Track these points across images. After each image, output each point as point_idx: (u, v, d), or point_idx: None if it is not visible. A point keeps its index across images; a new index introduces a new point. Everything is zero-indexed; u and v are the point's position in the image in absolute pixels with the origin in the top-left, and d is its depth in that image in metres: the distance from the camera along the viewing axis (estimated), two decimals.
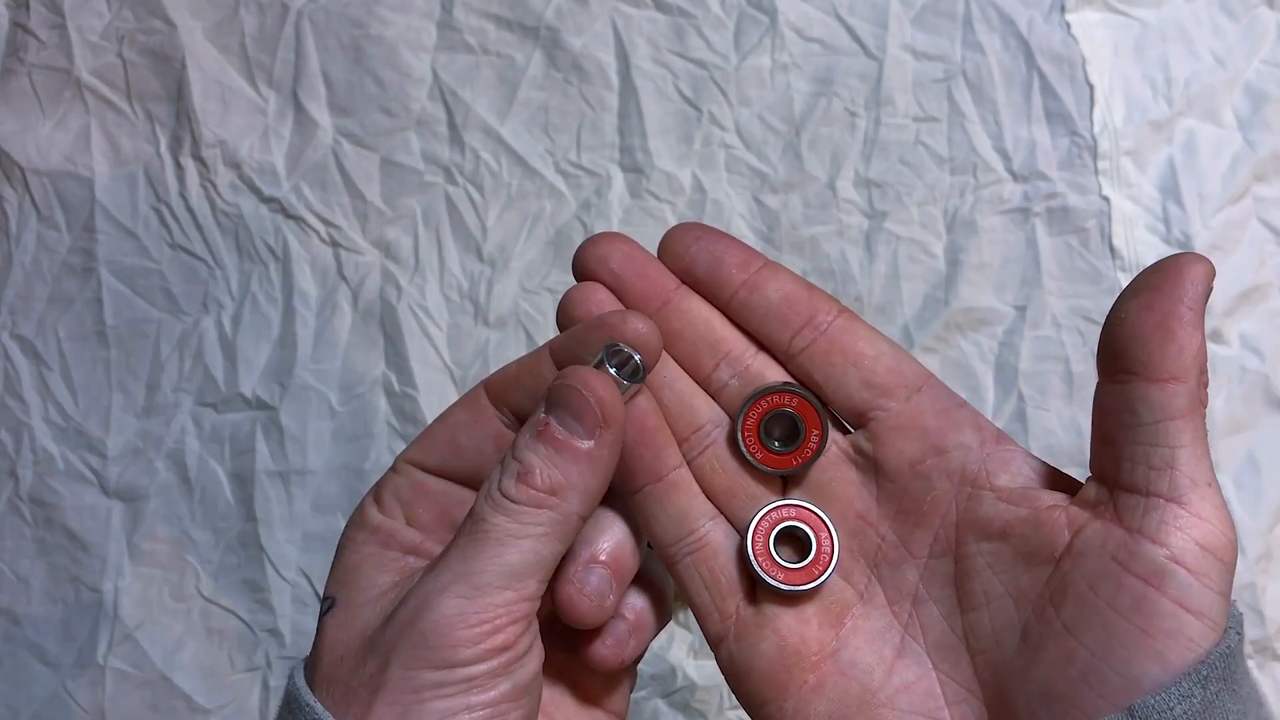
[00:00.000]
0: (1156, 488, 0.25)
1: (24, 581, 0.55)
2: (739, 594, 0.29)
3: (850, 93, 0.58)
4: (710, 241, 0.30)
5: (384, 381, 0.56)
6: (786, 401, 0.29)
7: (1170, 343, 0.24)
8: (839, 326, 0.29)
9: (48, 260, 0.58)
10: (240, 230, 0.58)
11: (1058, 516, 0.27)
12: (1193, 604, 0.24)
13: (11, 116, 0.59)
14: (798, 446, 0.29)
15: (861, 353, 0.29)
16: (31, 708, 0.53)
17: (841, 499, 0.29)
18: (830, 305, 0.29)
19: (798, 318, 0.29)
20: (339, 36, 0.59)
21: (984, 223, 0.57)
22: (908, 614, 0.29)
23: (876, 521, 0.29)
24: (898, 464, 0.29)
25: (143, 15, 0.60)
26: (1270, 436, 0.55)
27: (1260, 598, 0.53)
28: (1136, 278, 0.26)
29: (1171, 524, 0.24)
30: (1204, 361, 0.25)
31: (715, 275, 0.29)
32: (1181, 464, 0.25)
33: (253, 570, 0.54)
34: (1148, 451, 0.25)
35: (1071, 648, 0.25)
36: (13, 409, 0.56)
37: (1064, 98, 0.58)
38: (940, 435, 0.28)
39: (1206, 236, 0.57)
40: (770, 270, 0.30)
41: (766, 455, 0.29)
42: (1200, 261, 0.25)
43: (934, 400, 0.29)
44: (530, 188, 0.58)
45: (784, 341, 0.29)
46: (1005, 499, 0.27)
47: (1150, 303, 0.25)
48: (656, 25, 0.59)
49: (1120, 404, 0.25)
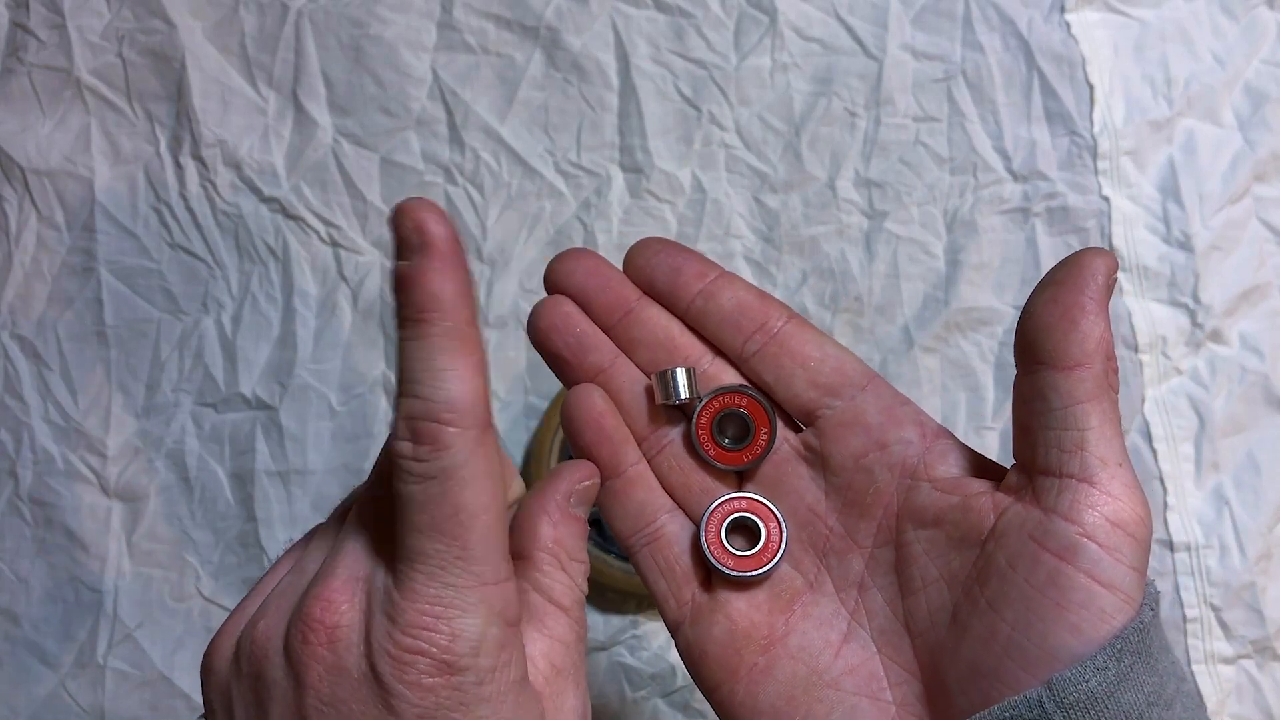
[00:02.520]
0: (1068, 469, 0.26)
1: (24, 581, 0.55)
2: (694, 582, 0.31)
3: (850, 93, 0.58)
4: (669, 254, 0.32)
5: (384, 381, 0.56)
6: (737, 402, 0.31)
7: (1074, 331, 0.26)
8: (788, 331, 0.31)
9: (48, 260, 0.58)
10: (240, 230, 0.58)
11: (984, 502, 0.28)
12: (1104, 577, 0.25)
13: (11, 116, 0.59)
14: (748, 444, 0.31)
15: (809, 355, 0.31)
16: (31, 708, 0.53)
17: (792, 493, 0.31)
18: (781, 311, 0.32)
19: (750, 324, 0.31)
20: (339, 36, 0.59)
21: (984, 223, 0.57)
22: (854, 600, 0.30)
23: (825, 514, 0.31)
24: (843, 459, 0.30)
25: (143, 15, 0.60)
26: (1270, 436, 0.55)
27: (1260, 598, 0.53)
28: (1046, 274, 0.27)
29: (1083, 502, 0.26)
30: (1109, 348, 0.27)
31: (674, 285, 0.32)
32: (1091, 445, 0.26)
33: (253, 570, 0.54)
34: (1059, 435, 0.27)
35: (994, 624, 0.26)
36: (13, 409, 0.56)
37: (1064, 98, 0.58)
38: (882, 431, 0.30)
39: (1206, 236, 0.57)
40: (725, 280, 0.32)
41: (720, 452, 0.31)
42: (1102, 255, 0.27)
43: (877, 398, 0.31)
44: (530, 188, 0.58)
45: (737, 346, 0.31)
46: (940, 488, 0.29)
47: (1055, 296, 0.27)
48: (656, 25, 0.59)
49: (1033, 392, 0.27)
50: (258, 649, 0.26)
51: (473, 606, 0.25)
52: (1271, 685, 0.53)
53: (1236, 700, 0.53)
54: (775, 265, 0.57)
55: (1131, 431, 0.55)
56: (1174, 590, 0.53)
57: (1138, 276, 0.57)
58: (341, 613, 0.25)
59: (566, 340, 0.32)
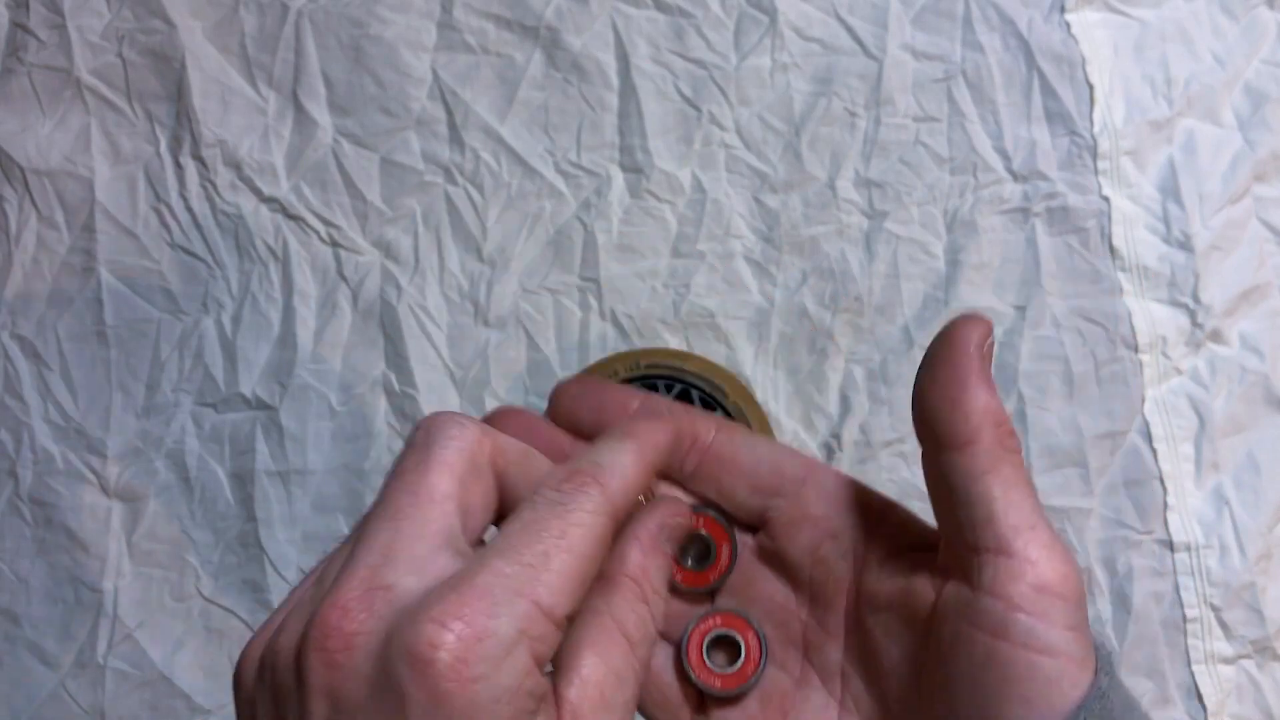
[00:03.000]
0: (984, 543, 0.26)
1: (24, 581, 0.55)
2: (687, 706, 0.31)
3: (850, 93, 0.58)
4: (588, 394, 0.33)
5: (384, 381, 0.56)
6: (695, 524, 0.31)
7: (956, 410, 0.27)
8: (720, 442, 0.31)
9: (47, 260, 0.58)
10: (240, 230, 0.58)
11: (924, 583, 0.28)
12: (1040, 644, 0.25)
13: (11, 116, 0.59)
14: (712, 563, 0.31)
15: (744, 463, 0.31)
16: (31, 708, 0.53)
17: (762, 596, 0.32)
18: (708, 424, 0.32)
19: (682, 444, 0.31)
20: (339, 36, 0.59)
21: (984, 223, 0.57)
22: (840, 689, 0.30)
23: (796, 609, 0.31)
24: (799, 555, 0.31)
25: (143, 15, 0.60)
26: (1270, 436, 0.55)
27: (1260, 598, 0.53)
28: (927, 350, 0.28)
29: (1004, 574, 0.26)
30: (996, 415, 0.27)
31: (601, 423, 0.32)
32: (999, 516, 0.26)
33: (253, 570, 0.54)
34: (969, 512, 0.26)
35: (952, 704, 0.26)
36: (13, 409, 0.56)
37: (1064, 98, 0.58)
38: (829, 521, 0.30)
39: (1206, 236, 0.57)
40: (647, 402, 0.32)
41: (686, 575, 0.32)
42: (974, 323, 0.27)
43: (817, 489, 0.31)
44: (530, 188, 0.58)
45: (675, 466, 0.32)
46: (886, 571, 0.29)
47: (934, 376, 0.27)
48: (656, 25, 0.59)
49: (936, 474, 0.27)
50: (280, 659, 0.26)
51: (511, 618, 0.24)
52: (1271, 685, 0.53)
53: (1236, 700, 0.53)
54: (775, 265, 0.57)
55: (1131, 431, 0.55)
56: (1174, 590, 0.53)
57: (1138, 276, 0.57)
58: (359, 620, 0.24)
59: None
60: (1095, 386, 0.55)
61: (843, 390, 0.56)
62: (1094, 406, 0.55)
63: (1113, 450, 0.55)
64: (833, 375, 0.56)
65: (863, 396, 0.55)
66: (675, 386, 0.53)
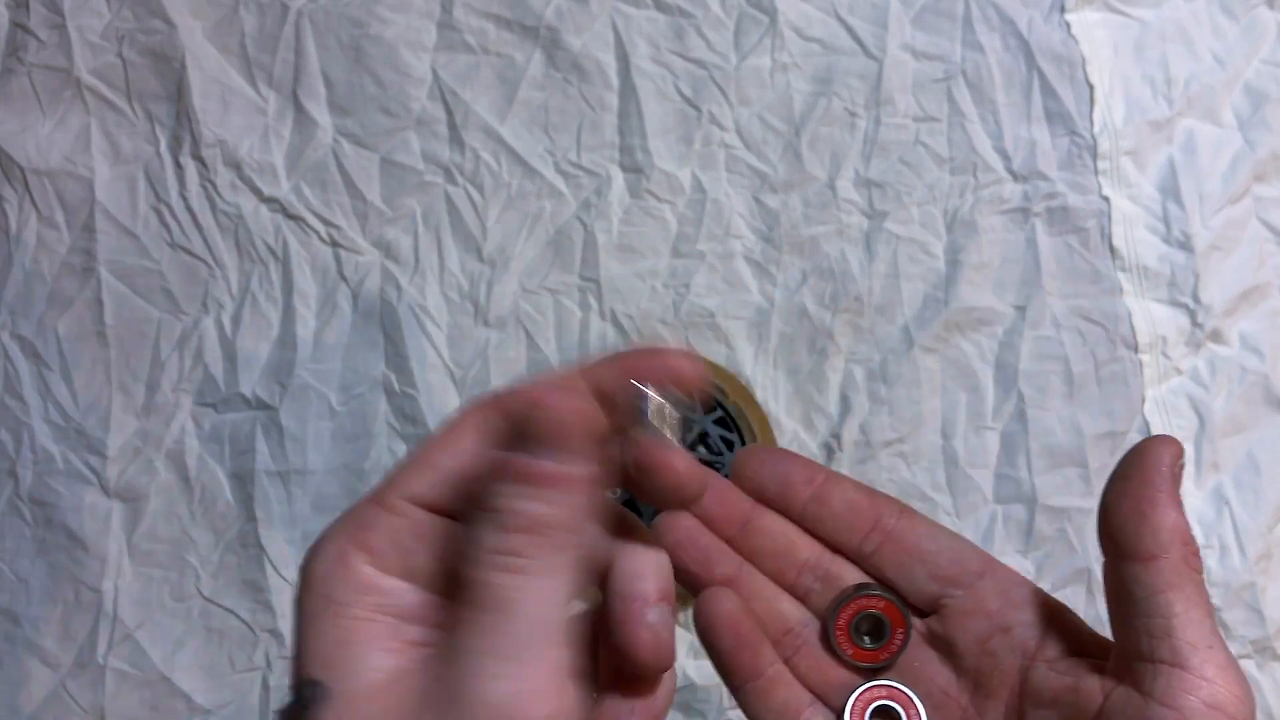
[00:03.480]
0: (1160, 655, 0.27)
1: (24, 581, 0.55)
2: None
3: (850, 93, 0.58)
4: (775, 463, 0.34)
5: (384, 381, 0.56)
6: (874, 604, 0.33)
7: (1144, 525, 0.28)
8: (902, 528, 0.33)
9: (47, 260, 0.58)
10: (240, 230, 0.58)
11: (1092, 683, 0.29)
12: None
13: (11, 116, 0.59)
14: (885, 643, 0.33)
15: (925, 549, 0.33)
16: (31, 708, 0.53)
17: (925, 678, 0.33)
18: (891, 507, 0.33)
19: (864, 523, 0.33)
20: (339, 36, 0.59)
21: (984, 223, 0.57)
22: None
23: (957, 695, 0.32)
24: (968, 644, 0.32)
25: (143, 15, 0.60)
26: (1270, 436, 0.55)
27: (1260, 598, 0.53)
28: (1118, 464, 0.29)
29: (1178, 687, 0.27)
30: (1184, 535, 0.28)
31: (784, 493, 0.34)
32: (1178, 631, 0.27)
33: (253, 570, 0.54)
34: (1147, 623, 0.28)
35: None
36: (13, 409, 0.56)
37: (1064, 98, 0.58)
38: (1003, 616, 0.32)
39: (1206, 236, 0.57)
40: (832, 482, 0.34)
41: (858, 651, 0.33)
42: (1167, 444, 0.29)
43: (995, 583, 0.32)
44: (530, 188, 0.58)
45: (854, 545, 0.33)
46: (1054, 669, 0.30)
47: (1125, 490, 0.29)
48: (656, 25, 0.59)
49: (1119, 583, 0.29)
50: None
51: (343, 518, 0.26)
52: (1271, 685, 0.53)
53: None
54: (775, 265, 0.57)
55: (1131, 431, 0.55)
56: None
57: (1138, 276, 0.57)
58: None
59: (693, 555, 0.33)
60: (1095, 386, 0.55)
61: (843, 390, 0.56)
62: (1094, 406, 0.55)
63: (1113, 450, 0.55)
64: (833, 375, 0.56)
65: (863, 396, 0.55)
66: None
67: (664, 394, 0.27)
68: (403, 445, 0.55)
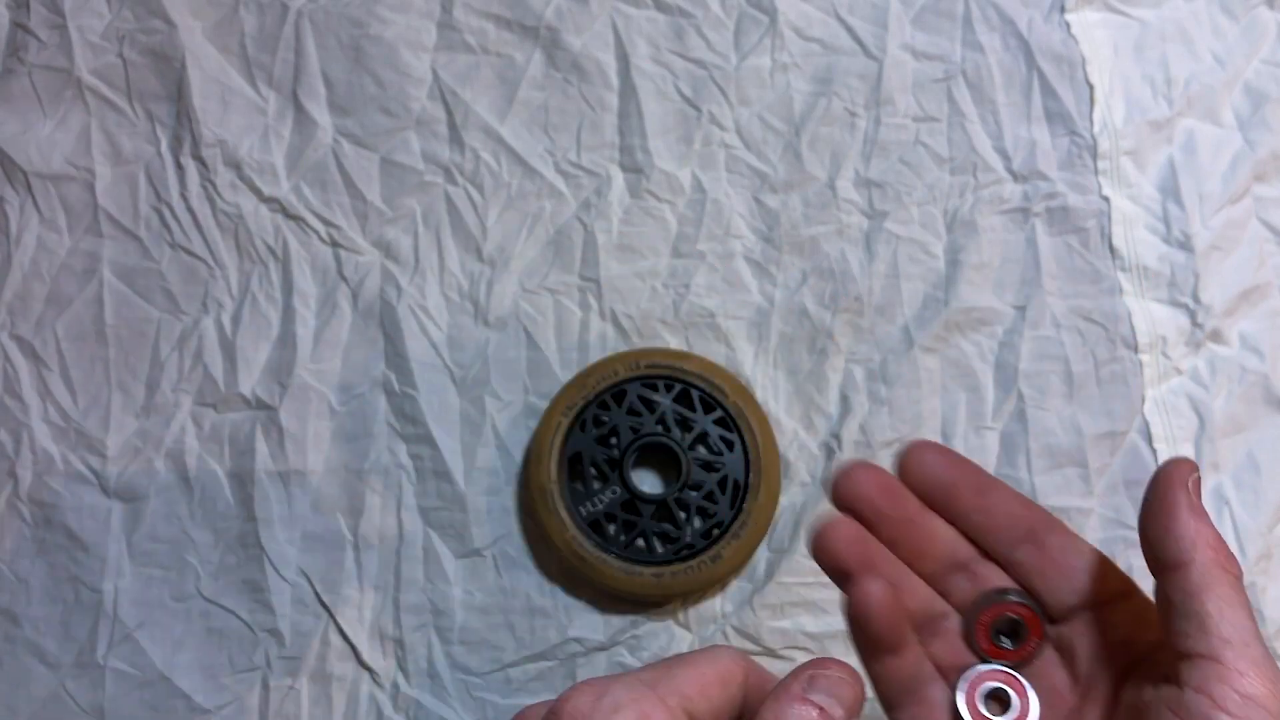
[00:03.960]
0: (1197, 649, 0.30)
1: (24, 581, 0.55)
2: None
3: (850, 93, 0.58)
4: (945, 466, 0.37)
5: (384, 381, 0.56)
6: (1015, 609, 0.35)
7: (1169, 536, 0.31)
8: (1054, 545, 0.35)
9: (47, 260, 0.58)
10: (240, 230, 0.58)
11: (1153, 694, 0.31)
12: None
13: (12, 117, 0.59)
14: (1020, 646, 0.35)
15: (1072, 566, 0.35)
16: (31, 708, 0.53)
17: (1040, 674, 0.35)
18: (1042, 518, 0.36)
19: (1019, 533, 0.36)
20: (339, 36, 0.59)
21: (984, 223, 0.57)
22: None
23: (1069, 697, 0.35)
24: (1087, 654, 0.34)
25: (143, 15, 0.60)
26: (1270, 436, 0.55)
27: (1260, 598, 0.53)
28: (1145, 489, 0.32)
29: (1213, 677, 0.29)
30: (1211, 539, 0.30)
31: (951, 497, 0.37)
32: (1212, 628, 0.29)
33: (253, 570, 0.54)
34: (1184, 624, 0.30)
35: None
36: (12, 409, 0.56)
37: (1064, 98, 0.58)
38: (1130, 638, 0.34)
39: (1206, 236, 0.57)
40: (998, 494, 0.36)
41: (994, 649, 0.35)
42: (1181, 463, 0.32)
43: (1132, 607, 0.34)
44: (530, 188, 0.58)
45: (1006, 552, 0.36)
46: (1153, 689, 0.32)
47: (1149, 510, 0.32)
48: (656, 25, 0.59)
49: (1162, 594, 0.31)
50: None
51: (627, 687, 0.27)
52: None
53: None
54: (775, 265, 0.57)
55: (1131, 431, 0.55)
56: None
57: (1138, 276, 0.57)
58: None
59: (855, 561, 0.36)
60: (1095, 386, 0.55)
61: (843, 390, 0.56)
62: (1094, 406, 0.55)
63: (1113, 450, 0.55)
64: (833, 375, 0.56)
65: (863, 396, 0.55)
66: (675, 386, 0.53)
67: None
68: (403, 445, 0.55)
